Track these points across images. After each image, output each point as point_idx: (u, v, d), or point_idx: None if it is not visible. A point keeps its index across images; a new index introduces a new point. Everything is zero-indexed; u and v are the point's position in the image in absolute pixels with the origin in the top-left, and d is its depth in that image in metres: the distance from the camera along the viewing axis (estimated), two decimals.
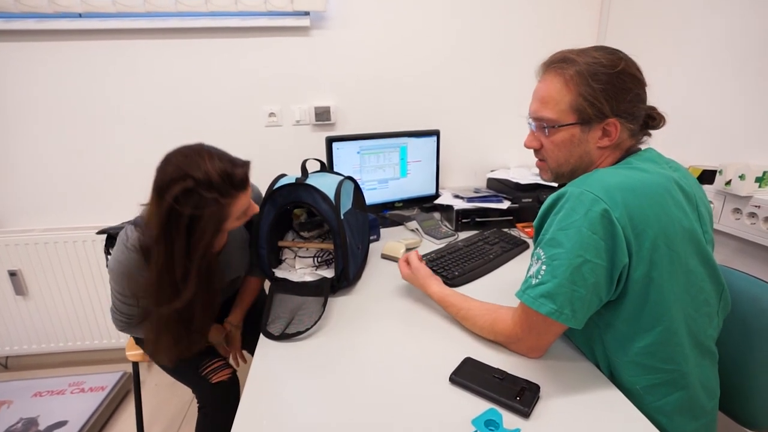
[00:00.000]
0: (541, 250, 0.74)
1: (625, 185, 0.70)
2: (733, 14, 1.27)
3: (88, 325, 1.84)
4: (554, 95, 0.78)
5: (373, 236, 1.48)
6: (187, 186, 0.84)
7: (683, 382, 0.74)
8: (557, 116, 0.79)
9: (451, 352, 0.85)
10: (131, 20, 1.54)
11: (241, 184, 0.92)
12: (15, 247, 1.69)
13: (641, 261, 0.69)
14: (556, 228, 0.72)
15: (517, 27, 1.77)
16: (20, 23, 1.50)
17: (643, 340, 0.73)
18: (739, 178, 1.20)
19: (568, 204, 0.71)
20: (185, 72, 1.65)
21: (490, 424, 0.65)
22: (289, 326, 0.96)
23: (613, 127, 0.76)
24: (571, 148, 0.80)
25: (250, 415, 0.72)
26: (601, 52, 0.76)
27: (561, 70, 0.78)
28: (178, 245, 0.88)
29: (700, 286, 0.74)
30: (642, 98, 0.78)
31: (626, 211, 0.68)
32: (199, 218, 0.87)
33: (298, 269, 1.17)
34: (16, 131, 1.65)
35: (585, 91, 0.75)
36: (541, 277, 0.73)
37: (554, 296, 0.71)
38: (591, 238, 0.68)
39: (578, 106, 0.76)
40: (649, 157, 0.80)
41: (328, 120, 1.75)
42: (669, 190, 0.72)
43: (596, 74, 0.74)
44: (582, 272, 0.69)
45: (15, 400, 1.67)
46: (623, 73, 0.74)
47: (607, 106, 0.75)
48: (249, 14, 1.59)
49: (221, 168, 0.88)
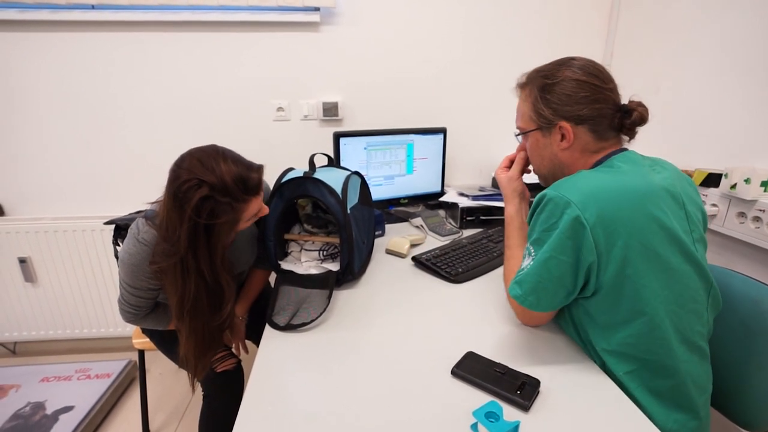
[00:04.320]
0: (532, 248, 0.82)
1: (599, 188, 0.75)
2: (740, 20, 1.27)
3: (95, 313, 1.87)
4: (520, 108, 0.93)
5: (379, 231, 1.50)
6: (204, 194, 0.85)
7: (668, 372, 0.76)
8: (523, 125, 0.92)
9: (454, 345, 0.86)
10: (143, 12, 1.56)
11: (254, 189, 0.93)
12: (25, 235, 1.72)
13: (613, 259, 0.74)
14: (540, 228, 0.80)
15: (527, 28, 1.77)
16: (34, 14, 1.52)
17: (622, 331, 0.77)
18: (744, 182, 1.20)
19: (548, 207, 0.78)
20: (195, 65, 1.66)
21: (490, 416, 0.66)
22: (295, 317, 0.98)
23: (565, 130, 0.83)
24: (540, 151, 0.91)
25: (254, 404, 0.74)
26: (552, 65, 0.86)
27: (523, 87, 0.91)
28: (202, 253, 0.91)
29: (684, 283, 0.77)
30: (596, 99, 0.81)
31: (597, 213, 0.73)
32: (215, 225, 0.89)
33: (304, 262, 1.19)
34: (28, 121, 1.67)
35: (534, 101, 0.87)
36: (526, 270, 0.82)
37: (522, 284, 0.81)
38: (560, 238, 0.75)
39: (531, 115, 0.88)
40: (630, 158, 0.83)
41: (336, 115, 1.76)
42: (647, 192, 0.76)
43: (543, 86, 0.85)
44: (548, 266, 0.78)
45: (23, 385, 1.70)
46: (565, 80, 0.82)
47: (548, 112, 0.84)
48: (259, 9, 1.60)
49: (236, 173, 0.89)
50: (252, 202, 0.94)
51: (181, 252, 0.89)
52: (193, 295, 0.93)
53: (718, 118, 1.36)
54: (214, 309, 0.98)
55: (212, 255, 0.93)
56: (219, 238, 0.92)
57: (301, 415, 0.71)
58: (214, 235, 0.91)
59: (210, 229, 0.89)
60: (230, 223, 0.92)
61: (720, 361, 0.88)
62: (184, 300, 0.93)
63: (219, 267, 0.95)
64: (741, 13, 1.27)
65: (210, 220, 0.87)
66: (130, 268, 0.98)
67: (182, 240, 0.88)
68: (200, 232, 0.89)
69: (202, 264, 0.92)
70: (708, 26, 1.38)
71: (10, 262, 1.75)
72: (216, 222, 0.88)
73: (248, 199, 0.93)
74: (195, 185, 0.85)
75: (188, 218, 0.86)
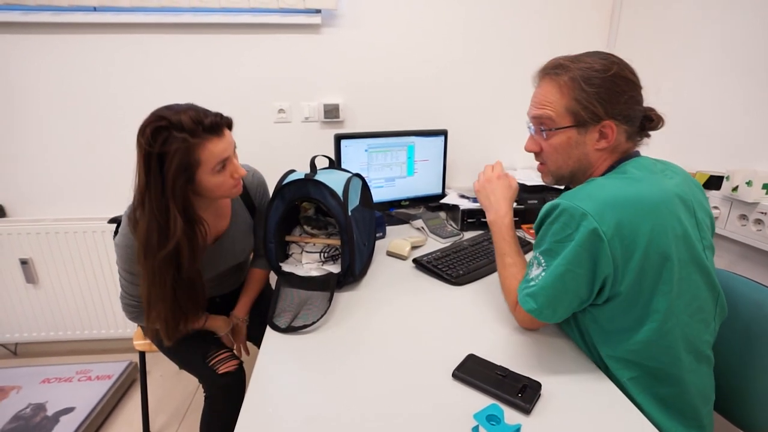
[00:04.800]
0: (542, 258, 0.80)
1: (616, 199, 0.73)
2: (741, 21, 1.27)
3: (96, 315, 1.87)
4: (550, 99, 0.82)
5: (379, 233, 1.50)
6: (160, 125, 0.88)
7: (673, 380, 0.76)
8: (554, 119, 0.82)
9: (455, 348, 0.86)
10: (145, 14, 1.56)
11: (211, 127, 0.92)
12: (27, 236, 1.72)
13: (629, 271, 0.72)
14: (552, 239, 0.77)
15: (527, 31, 1.77)
16: (36, 16, 1.53)
17: (630, 339, 0.76)
18: (746, 185, 1.20)
19: (562, 217, 0.75)
20: (196, 67, 1.66)
21: (491, 419, 0.66)
22: (296, 319, 0.98)
23: (609, 129, 0.78)
24: (568, 150, 0.83)
25: (255, 406, 0.74)
26: (594, 57, 0.79)
27: (556, 77, 0.81)
28: (155, 185, 0.89)
29: (694, 294, 0.76)
30: (637, 100, 0.79)
31: (616, 225, 0.71)
32: (167, 154, 0.88)
33: (305, 264, 1.19)
34: (29, 122, 1.68)
35: (579, 95, 0.78)
36: (537, 281, 0.80)
37: (536, 297, 0.79)
38: (576, 251, 0.73)
39: (573, 110, 0.79)
40: (643, 164, 0.81)
41: (337, 117, 1.77)
42: (664, 200, 0.74)
43: (589, 79, 0.77)
44: (564, 280, 0.76)
45: (24, 386, 1.70)
46: (616, 76, 0.76)
47: (601, 109, 0.77)
48: (261, 11, 1.61)
49: (195, 114, 0.91)
50: (210, 141, 0.92)
51: (141, 189, 0.90)
52: (145, 233, 0.91)
53: (719, 119, 1.36)
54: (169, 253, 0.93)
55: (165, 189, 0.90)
56: (172, 173, 0.89)
57: (302, 418, 0.70)
58: (168, 170, 0.88)
59: (163, 160, 0.88)
60: (186, 162, 0.90)
61: (722, 364, 0.87)
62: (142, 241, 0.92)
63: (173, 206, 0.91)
64: (742, 14, 1.27)
65: (163, 148, 0.87)
66: (124, 250, 0.98)
67: (140, 177, 0.90)
68: (153, 163, 0.88)
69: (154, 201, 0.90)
70: (709, 27, 1.38)
71: (12, 263, 1.75)
72: (168, 149, 0.87)
73: (205, 137, 0.91)
74: (154, 120, 0.89)
75: (143, 150, 0.88)
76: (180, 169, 0.89)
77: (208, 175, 0.95)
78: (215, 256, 1.15)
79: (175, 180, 0.89)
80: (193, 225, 0.97)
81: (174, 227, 0.91)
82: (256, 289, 1.31)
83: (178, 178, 0.90)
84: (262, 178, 1.24)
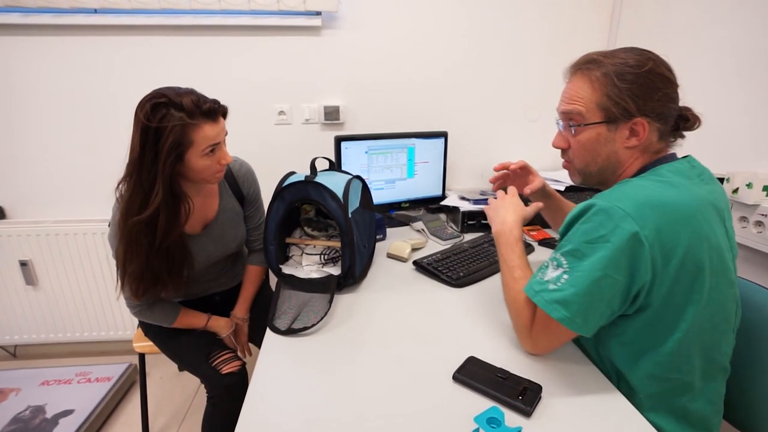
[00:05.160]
0: (564, 259, 0.74)
1: (656, 202, 0.69)
2: (742, 24, 1.28)
3: (95, 317, 1.87)
4: (581, 94, 0.79)
5: (380, 235, 1.50)
6: (159, 101, 0.92)
7: (685, 389, 0.75)
8: (586, 114, 0.79)
9: (455, 350, 0.86)
10: (146, 16, 1.57)
11: (208, 112, 0.97)
12: (27, 238, 1.72)
13: (666, 279, 0.69)
14: (581, 239, 0.72)
15: (527, 33, 1.77)
16: (37, 18, 1.53)
17: (654, 351, 0.74)
18: (746, 187, 1.20)
19: (596, 217, 0.71)
20: (196, 68, 1.67)
21: (492, 421, 0.66)
22: (296, 321, 0.98)
23: (641, 126, 0.76)
24: (597, 147, 0.80)
25: (256, 407, 0.74)
26: (629, 53, 0.76)
27: (588, 72, 0.78)
28: (148, 158, 0.94)
29: (722, 305, 0.75)
30: (672, 98, 0.76)
31: (656, 230, 0.67)
32: (164, 130, 0.92)
33: (305, 266, 1.19)
34: (30, 123, 1.68)
35: (611, 90, 0.75)
36: (560, 284, 0.73)
37: (569, 304, 0.71)
38: (616, 255, 0.68)
39: (604, 106, 0.77)
40: (679, 169, 0.77)
41: (337, 119, 1.77)
42: (699, 208, 0.71)
43: (622, 74, 0.74)
44: (601, 286, 0.70)
45: (23, 388, 1.70)
46: (651, 72, 0.74)
47: (633, 105, 0.74)
48: (261, 13, 1.61)
49: (194, 98, 0.96)
50: (205, 124, 0.97)
51: (134, 160, 0.94)
52: (128, 199, 0.97)
53: (719, 121, 1.36)
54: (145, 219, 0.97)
55: (157, 159, 0.94)
56: (167, 148, 0.93)
57: (302, 420, 0.70)
58: (163, 144, 0.93)
59: (159, 135, 0.92)
60: (180, 140, 0.94)
61: None
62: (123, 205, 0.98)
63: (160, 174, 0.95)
64: (743, 17, 1.28)
65: (160, 124, 0.92)
66: (116, 226, 1.01)
67: (134, 149, 0.94)
68: (149, 136, 0.92)
69: (144, 173, 0.94)
70: (709, 29, 1.38)
71: (11, 265, 1.75)
72: (165, 126, 0.92)
73: (201, 120, 0.96)
74: (154, 96, 0.94)
75: (140, 124, 0.93)
76: (173, 147, 0.94)
77: (197, 157, 0.99)
78: (205, 243, 1.17)
79: (168, 156, 0.94)
80: (178, 201, 1.01)
81: (155, 198, 0.96)
82: (254, 287, 1.33)
83: (170, 155, 0.94)
84: (250, 167, 1.27)
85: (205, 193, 1.15)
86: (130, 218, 0.96)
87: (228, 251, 1.24)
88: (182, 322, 1.19)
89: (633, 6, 1.71)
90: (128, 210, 0.97)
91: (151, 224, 0.98)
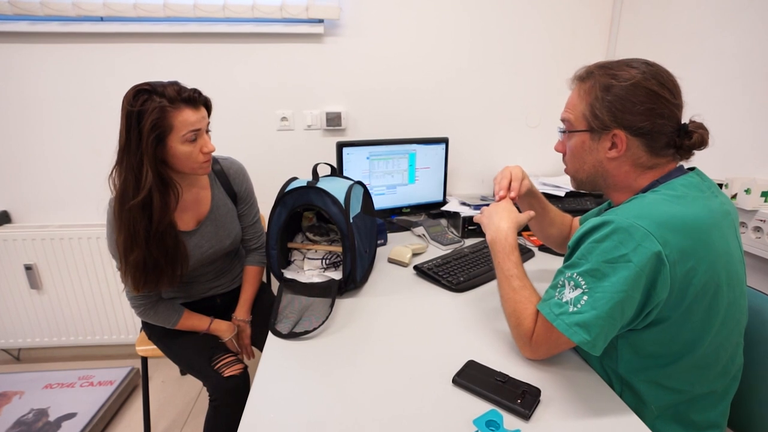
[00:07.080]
0: (582, 279, 0.72)
1: (676, 220, 0.69)
2: (741, 31, 1.29)
3: (99, 321, 1.88)
4: (573, 103, 0.83)
5: (381, 240, 1.51)
6: (142, 88, 0.98)
7: (700, 400, 0.76)
8: (574, 122, 0.83)
9: (455, 354, 0.87)
10: (151, 24, 1.59)
11: (188, 99, 1.02)
12: (31, 242, 1.73)
13: (688, 296, 0.69)
14: (600, 259, 0.70)
15: (528, 40, 1.79)
16: (44, 26, 1.55)
17: (666, 365, 0.74)
18: (744, 192, 1.21)
19: (615, 236, 0.69)
20: (200, 75, 1.69)
21: (491, 424, 0.67)
22: (297, 325, 0.99)
23: (618, 139, 0.77)
24: (583, 154, 0.83)
25: (258, 410, 0.74)
26: (626, 66, 0.76)
27: (581, 82, 0.82)
28: (133, 140, 0.98)
29: (737, 318, 0.76)
30: (659, 113, 0.74)
31: (679, 249, 0.67)
32: (145, 112, 0.97)
33: (307, 270, 1.20)
34: (36, 129, 1.70)
35: (593, 101, 0.78)
36: (580, 306, 0.71)
37: (590, 327, 0.70)
38: (637, 275, 0.67)
39: (586, 115, 0.80)
40: (692, 183, 0.77)
41: (339, 125, 1.78)
42: (717, 224, 0.72)
43: (608, 86, 0.76)
44: (622, 307, 0.69)
45: (26, 391, 1.71)
46: (636, 86, 0.74)
47: (608, 118, 0.76)
48: (264, 21, 1.63)
49: (176, 87, 1.01)
50: (185, 110, 1.01)
51: (122, 146, 0.99)
52: (122, 185, 1.01)
53: (718, 127, 1.36)
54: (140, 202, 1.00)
55: (141, 142, 0.98)
56: (148, 128, 0.97)
57: (303, 423, 0.71)
58: (145, 126, 0.97)
59: (141, 118, 0.97)
60: (160, 123, 0.98)
61: None
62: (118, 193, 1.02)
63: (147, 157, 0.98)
64: (741, 23, 1.29)
65: (142, 107, 0.96)
66: (113, 220, 1.04)
67: (121, 135, 0.99)
68: (132, 120, 0.97)
69: (132, 156, 0.99)
70: (708, 35, 1.40)
71: (16, 268, 1.77)
72: (146, 108, 0.96)
73: (181, 106, 1.00)
74: (138, 85, 0.99)
75: (124, 111, 0.98)
76: (153, 127, 0.98)
77: (179, 143, 1.02)
78: (200, 240, 1.19)
79: (149, 135, 0.98)
80: (167, 186, 1.05)
81: (145, 180, 0.99)
82: (253, 288, 1.35)
83: (151, 134, 0.98)
84: (241, 165, 1.29)
85: (198, 186, 1.19)
86: (126, 204, 1.00)
87: (223, 247, 1.25)
88: (185, 324, 1.20)
89: (632, 13, 1.72)
90: (123, 196, 1.01)
91: (146, 208, 1.01)
